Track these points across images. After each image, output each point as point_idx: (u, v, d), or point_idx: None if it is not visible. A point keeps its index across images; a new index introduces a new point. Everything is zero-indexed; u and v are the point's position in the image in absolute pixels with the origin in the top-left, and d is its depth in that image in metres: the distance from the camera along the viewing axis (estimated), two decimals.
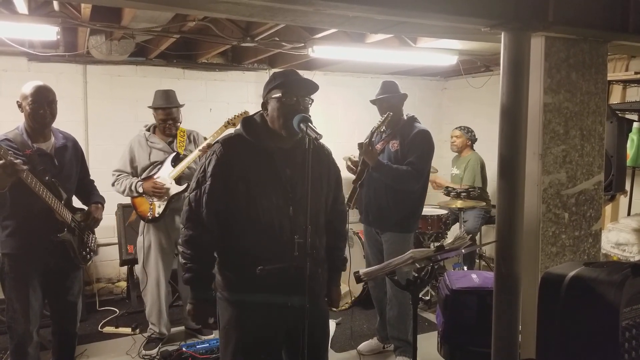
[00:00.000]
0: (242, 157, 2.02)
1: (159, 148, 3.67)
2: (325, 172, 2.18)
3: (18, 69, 4.54)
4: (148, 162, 3.64)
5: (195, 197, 2.02)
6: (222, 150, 2.02)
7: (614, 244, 3.66)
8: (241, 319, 2.05)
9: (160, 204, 3.58)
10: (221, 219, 2.01)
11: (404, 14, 2.05)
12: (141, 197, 3.61)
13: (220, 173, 2.00)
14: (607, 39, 2.42)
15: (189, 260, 2.03)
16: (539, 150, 2.31)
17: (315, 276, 2.07)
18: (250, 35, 3.80)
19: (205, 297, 2.07)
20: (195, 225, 2.02)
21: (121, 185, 3.61)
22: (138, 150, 3.67)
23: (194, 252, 2.02)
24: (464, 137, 5.21)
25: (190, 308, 2.10)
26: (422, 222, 4.58)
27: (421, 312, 4.50)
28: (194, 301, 2.08)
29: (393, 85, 3.47)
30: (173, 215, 3.66)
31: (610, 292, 1.47)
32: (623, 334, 1.45)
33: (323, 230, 2.18)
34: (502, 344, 2.24)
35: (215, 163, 2.01)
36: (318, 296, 2.18)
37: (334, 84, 5.86)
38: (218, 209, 2.00)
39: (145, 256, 3.69)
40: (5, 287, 2.74)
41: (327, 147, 2.25)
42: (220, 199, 2.00)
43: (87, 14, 3.26)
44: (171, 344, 3.75)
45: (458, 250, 2.03)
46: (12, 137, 2.66)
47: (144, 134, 3.71)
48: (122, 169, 3.67)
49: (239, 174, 2.00)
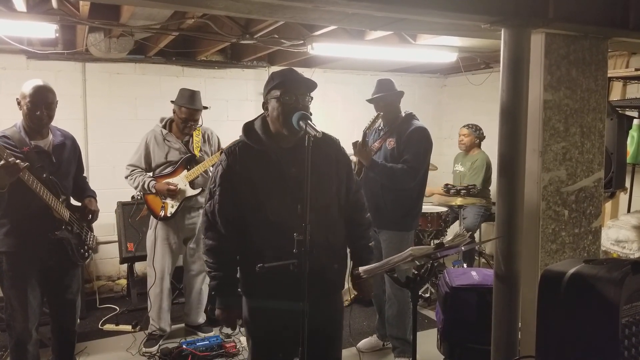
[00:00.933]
0: (246, 163, 2.07)
1: (176, 148, 3.66)
2: (334, 164, 2.17)
3: (17, 67, 4.54)
4: (164, 160, 3.64)
5: (210, 208, 2.12)
6: (226, 159, 2.10)
7: (614, 241, 3.66)
8: (254, 314, 2.17)
9: (173, 203, 3.61)
10: (236, 225, 2.10)
11: (403, 11, 2.05)
12: (154, 194, 3.62)
13: (227, 182, 2.08)
14: (607, 35, 2.42)
15: (213, 269, 2.13)
16: (538, 147, 2.30)
17: (329, 271, 2.11)
18: (249, 33, 3.79)
19: (231, 303, 2.18)
20: (214, 234, 2.12)
21: (134, 182, 3.63)
22: (154, 147, 3.65)
23: (216, 260, 2.13)
24: (473, 136, 5.15)
25: (218, 313, 2.19)
26: (422, 219, 4.57)
27: (421, 310, 4.50)
28: (221, 307, 2.18)
29: (388, 84, 3.44)
30: (184, 214, 3.68)
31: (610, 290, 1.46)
32: (623, 331, 1.44)
33: (339, 224, 2.19)
34: (502, 341, 2.24)
35: (221, 173, 2.10)
36: (334, 291, 2.22)
37: (333, 82, 5.85)
38: (231, 217, 2.09)
39: (153, 252, 3.70)
40: (4, 285, 2.74)
41: (335, 138, 2.24)
42: (230, 207, 2.08)
43: (86, 11, 3.25)
44: (171, 340, 3.75)
45: (457, 247, 2.03)
46: (10, 135, 2.65)
47: (161, 130, 3.68)
48: (136, 164, 3.67)
49: (245, 179, 2.06)
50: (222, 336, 3.73)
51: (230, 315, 2.19)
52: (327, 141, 2.17)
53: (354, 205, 2.27)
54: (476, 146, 5.19)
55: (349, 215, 2.24)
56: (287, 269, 1.89)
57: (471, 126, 5.21)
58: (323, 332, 2.08)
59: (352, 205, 2.26)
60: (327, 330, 2.16)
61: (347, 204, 2.23)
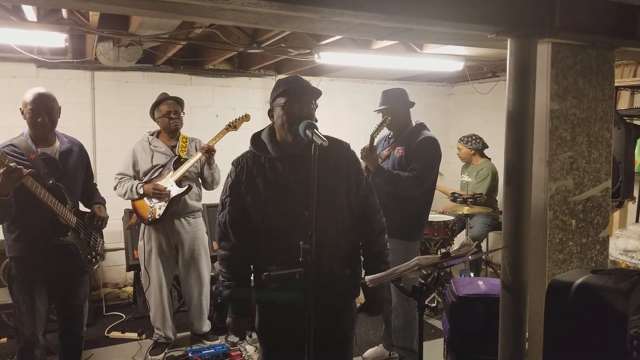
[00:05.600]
0: (254, 172, 2.09)
1: (162, 151, 3.69)
2: (344, 168, 2.16)
3: (27, 76, 4.59)
4: (150, 165, 3.66)
5: (222, 219, 2.14)
6: (234, 170, 2.13)
7: (622, 251, 3.63)
8: (266, 322, 2.18)
9: (160, 206, 3.59)
10: (247, 235, 2.11)
11: (409, 21, 2.06)
12: (141, 199, 3.62)
13: (236, 192, 2.10)
14: (614, 45, 2.41)
15: (226, 279, 2.16)
16: (545, 156, 2.30)
17: (339, 277, 2.10)
18: (256, 42, 3.82)
19: (243, 313, 2.18)
20: (227, 244, 2.14)
21: (122, 188, 3.63)
22: (141, 153, 3.69)
23: (229, 270, 2.15)
24: (466, 148, 5.18)
25: (229, 322, 2.21)
26: (429, 228, 4.56)
27: (427, 319, 4.47)
28: (233, 316, 2.19)
29: (393, 94, 3.42)
30: (173, 220, 3.67)
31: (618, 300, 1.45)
32: (631, 342, 1.44)
33: (350, 228, 2.15)
34: (509, 351, 2.23)
35: (230, 184, 2.13)
36: (345, 298, 2.20)
37: (340, 90, 5.87)
38: (242, 227, 2.11)
39: (146, 261, 3.71)
40: (13, 290, 2.77)
41: (345, 142, 2.22)
42: (240, 217, 2.10)
43: (95, 21, 3.29)
44: (177, 349, 3.75)
45: (464, 257, 2.02)
46: (17, 143, 2.68)
47: (148, 138, 3.74)
48: (125, 172, 3.70)
49: (254, 189, 2.07)
50: (228, 344, 3.73)
51: (241, 324, 2.20)
52: (337, 145, 2.16)
53: (365, 209, 2.23)
54: (476, 156, 5.19)
55: (361, 219, 2.20)
56: (294, 277, 1.89)
57: (463, 139, 5.22)
58: (332, 341, 2.06)
59: (363, 208, 2.22)
60: (336, 339, 2.14)
61: (358, 207, 2.20)
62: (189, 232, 3.73)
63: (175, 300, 4.32)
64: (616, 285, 1.52)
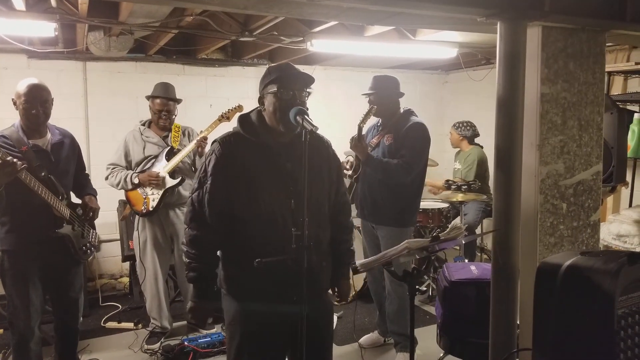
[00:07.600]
0: (241, 154, 2.02)
1: (154, 142, 3.68)
2: (326, 164, 2.17)
3: (18, 67, 4.56)
4: (142, 155, 3.65)
5: (198, 198, 2.04)
6: (220, 149, 2.03)
7: (615, 236, 3.65)
8: (245, 313, 2.06)
9: (154, 197, 3.59)
10: (224, 217, 2.02)
11: (398, 4, 2.05)
12: (135, 190, 3.61)
13: (220, 172, 2.01)
14: (605, 28, 2.40)
15: (193, 260, 2.05)
16: (536, 141, 2.29)
17: (319, 269, 2.08)
18: (248, 30, 3.79)
19: (207, 297, 2.09)
20: (199, 225, 2.04)
21: (115, 178, 3.61)
22: (132, 144, 3.68)
23: (197, 251, 2.05)
24: (455, 133, 5.19)
25: (190, 306, 2.12)
26: (423, 215, 4.57)
27: (422, 305, 4.50)
28: (195, 300, 2.10)
29: (383, 81, 3.41)
30: (167, 210, 3.68)
31: (606, 281, 1.46)
32: (619, 322, 1.44)
33: (327, 223, 2.17)
34: (500, 334, 2.24)
35: (214, 162, 2.02)
36: (323, 289, 2.19)
37: (334, 79, 5.85)
38: (221, 208, 2.02)
39: (141, 251, 3.71)
40: (6, 283, 2.76)
41: (326, 139, 2.23)
42: (221, 197, 2.01)
43: (85, 9, 3.26)
44: (173, 338, 3.77)
45: (454, 240, 2.03)
46: (8, 134, 2.67)
47: (139, 128, 3.73)
48: (117, 163, 3.68)
49: (239, 171, 2.00)
50: (224, 333, 3.74)
51: (204, 311, 2.13)
52: (320, 141, 2.18)
53: (342, 208, 2.27)
54: (465, 142, 5.17)
55: (336, 217, 2.23)
56: (282, 265, 1.88)
57: (456, 124, 5.22)
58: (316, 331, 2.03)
59: (340, 207, 2.26)
60: (319, 328, 2.10)
61: (335, 205, 2.23)
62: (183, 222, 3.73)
63: (171, 290, 4.33)
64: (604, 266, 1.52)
